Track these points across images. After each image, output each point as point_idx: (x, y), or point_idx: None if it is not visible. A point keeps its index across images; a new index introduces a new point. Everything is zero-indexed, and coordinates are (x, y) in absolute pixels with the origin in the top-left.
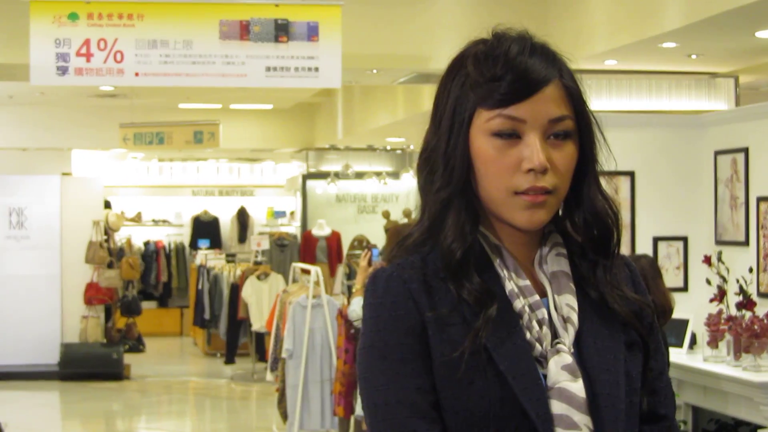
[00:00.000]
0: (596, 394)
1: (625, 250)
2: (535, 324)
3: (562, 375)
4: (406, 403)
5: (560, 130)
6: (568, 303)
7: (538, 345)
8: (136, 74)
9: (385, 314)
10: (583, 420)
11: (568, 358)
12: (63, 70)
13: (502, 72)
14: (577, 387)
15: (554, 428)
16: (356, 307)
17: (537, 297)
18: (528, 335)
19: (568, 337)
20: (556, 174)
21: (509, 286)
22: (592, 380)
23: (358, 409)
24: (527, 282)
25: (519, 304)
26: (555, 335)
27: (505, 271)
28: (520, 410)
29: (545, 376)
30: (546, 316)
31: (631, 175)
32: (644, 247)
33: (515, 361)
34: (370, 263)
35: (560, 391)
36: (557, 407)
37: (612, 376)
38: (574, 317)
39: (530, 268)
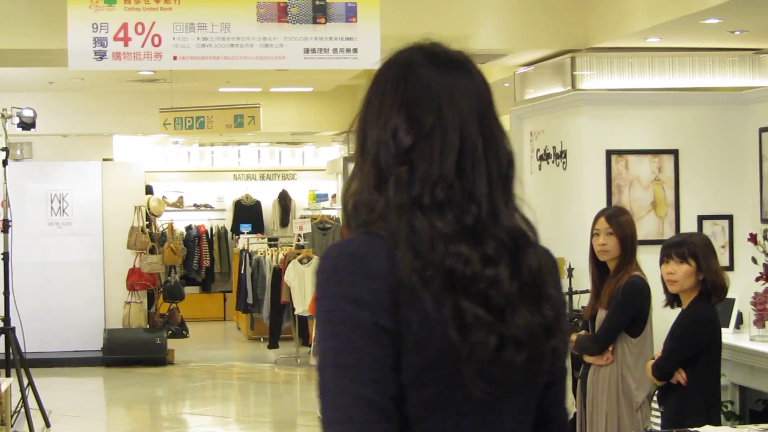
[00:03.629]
0: None
1: (669, 229)
2: None
3: None
4: None
5: None
6: None
7: None
8: (174, 58)
9: None
10: None
11: None
12: (101, 55)
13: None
14: None
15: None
16: None
17: None
18: None
19: None
20: None
21: None
22: None
23: None
24: None
25: None
26: None
27: None
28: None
29: None
30: None
31: (674, 153)
32: (689, 226)
33: None
34: None
35: None
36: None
37: None
38: None
39: None
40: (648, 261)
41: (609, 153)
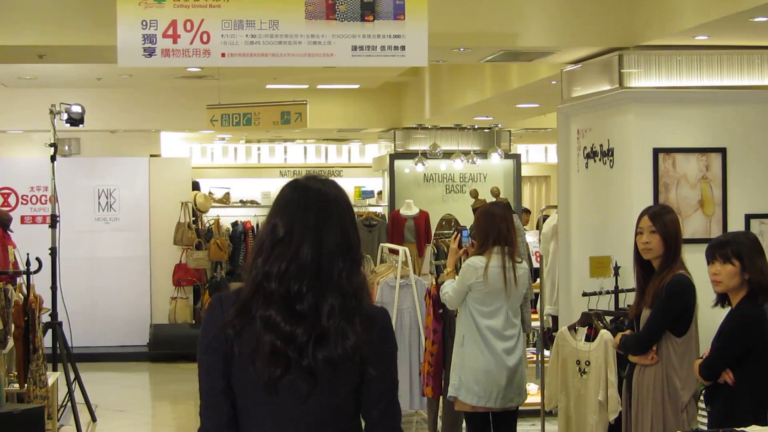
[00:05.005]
0: None
1: (716, 228)
2: None
3: None
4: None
5: None
6: None
7: None
8: (223, 55)
9: None
10: None
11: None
12: (150, 52)
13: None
14: None
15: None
16: (448, 289)
17: None
18: None
19: None
20: None
21: None
22: None
23: (451, 390)
24: None
25: None
26: None
27: None
28: None
29: None
30: None
31: (722, 151)
32: (736, 225)
33: None
34: (460, 245)
35: None
36: None
37: None
38: None
39: None
40: (695, 260)
41: (656, 151)
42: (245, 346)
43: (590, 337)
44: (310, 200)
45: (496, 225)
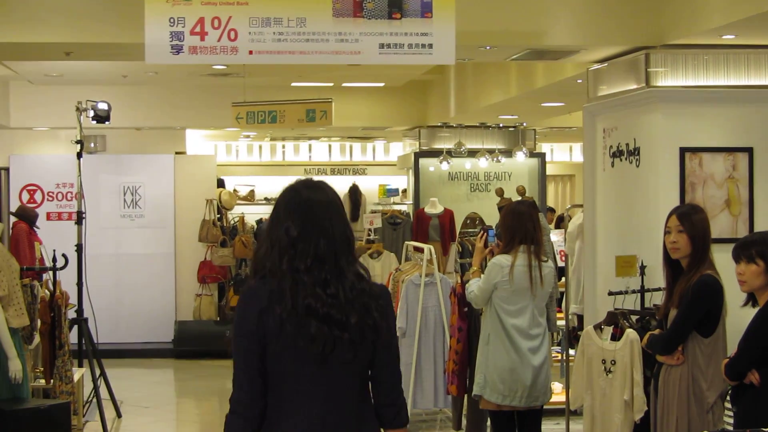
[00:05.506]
0: None
1: (743, 227)
2: None
3: None
4: None
5: None
6: None
7: None
8: (250, 52)
9: None
10: None
11: None
12: (177, 49)
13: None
14: None
15: None
16: (474, 288)
17: None
18: None
19: None
20: None
21: None
22: None
23: (476, 389)
24: None
25: None
26: None
27: None
28: None
29: None
30: None
31: (749, 151)
32: (763, 225)
33: None
34: (486, 244)
35: None
36: None
37: None
38: None
39: None
40: (721, 260)
41: (683, 150)
42: (289, 331)
43: (616, 337)
44: (313, 202)
45: (522, 224)
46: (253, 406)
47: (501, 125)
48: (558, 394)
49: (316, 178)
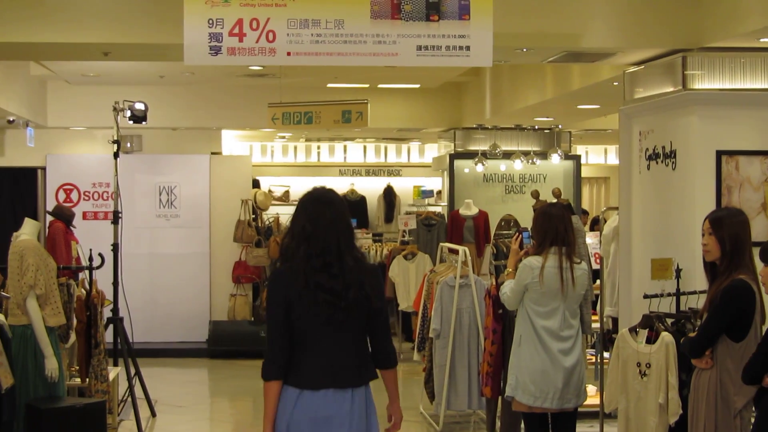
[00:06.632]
0: None
1: None
2: None
3: None
4: None
5: None
6: None
7: None
8: (288, 54)
9: None
10: None
11: None
12: (216, 50)
13: None
14: None
15: None
16: (506, 290)
17: None
18: None
19: None
20: None
21: None
22: None
23: (508, 390)
24: None
25: None
26: None
27: None
28: None
29: None
30: None
31: None
32: None
33: None
34: (521, 246)
35: None
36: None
37: None
38: None
39: None
40: (760, 264)
41: (719, 153)
42: (305, 300)
43: (651, 340)
44: (324, 206)
45: (554, 225)
46: (282, 355)
47: (536, 127)
48: (592, 396)
49: (351, 179)
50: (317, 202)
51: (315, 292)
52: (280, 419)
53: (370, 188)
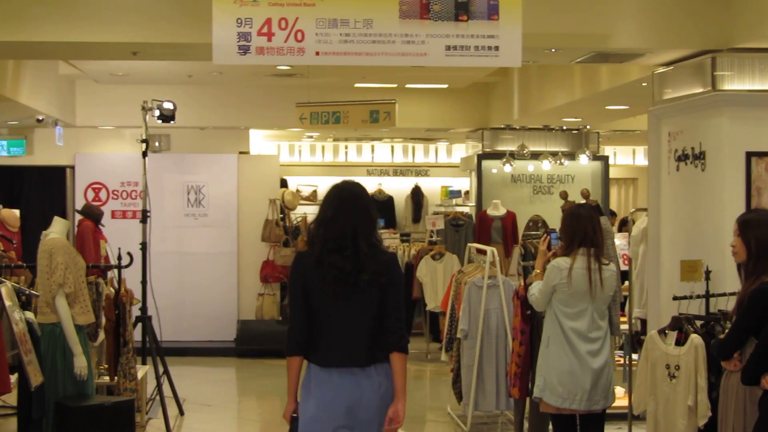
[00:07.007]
0: None
1: None
2: None
3: None
4: None
5: None
6: None
7: None
8: (317, 53)
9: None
10: None
11: None
12: (244, 50)
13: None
14: None
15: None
16: (534, 291)
17: None
18: None
19: None
20: None
21: None
22: None
23: (536, 391)
24: None
25: None
26: None
27: None
28: None
29: None
30: None
31: None
32: None
33: None
34: (549, 247)
35: None
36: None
37: None
38: None
39: None
40: None
41: (749, 155)
42: (321, 278)
43: (680, 342)
44: (345, 195)
45: (582, 226)
46: (301, 332)
47: (564, 128)
48: (621, 398)
49: (379, 179)
50: (340, 191)
51: (327, 271)
52: (303, 395)
53: (398, 188)
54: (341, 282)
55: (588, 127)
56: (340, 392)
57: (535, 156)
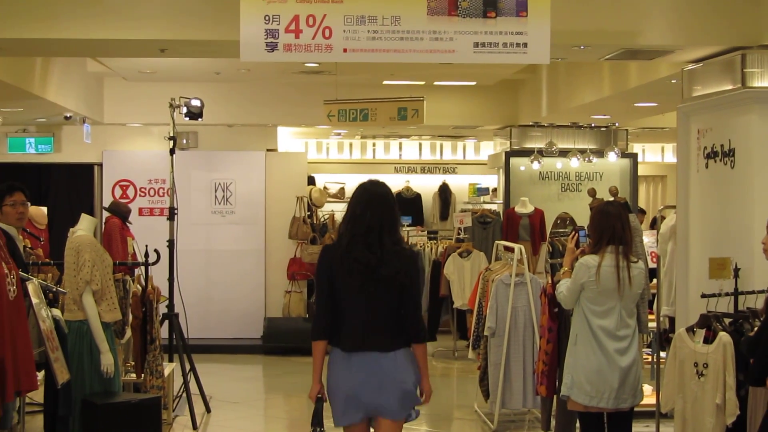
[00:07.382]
0: None
1: None
2: None
3: None
4: None
5: None
6: None
7: None
8: (345, 50)
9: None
10: None
11: None
12: (272, 47)
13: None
14: None
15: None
16: (563, 288)
17: None
18: None
19: None
20: None
21: None
22: None
23: (563, 389)
24: None
25: None
26: None
27: None
28: None
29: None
30: None
31: None
32: None
33: None
34: (577, 245)
35: None
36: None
37: None
38: None
39: None
40: None
41: None
42: (346, 270)
43: (709, 340)
44: (373, 194)
45: (611, 224)
46: (326, 318)
47: (593, 125)
48: (648, 396)
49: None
50: (367, 190)
51: (351, 262)
52: (330, 378)
53: (426, 186)
54: (364, 274)
55: (616, 124)
56: (362, 370)
57: (564, 153)
